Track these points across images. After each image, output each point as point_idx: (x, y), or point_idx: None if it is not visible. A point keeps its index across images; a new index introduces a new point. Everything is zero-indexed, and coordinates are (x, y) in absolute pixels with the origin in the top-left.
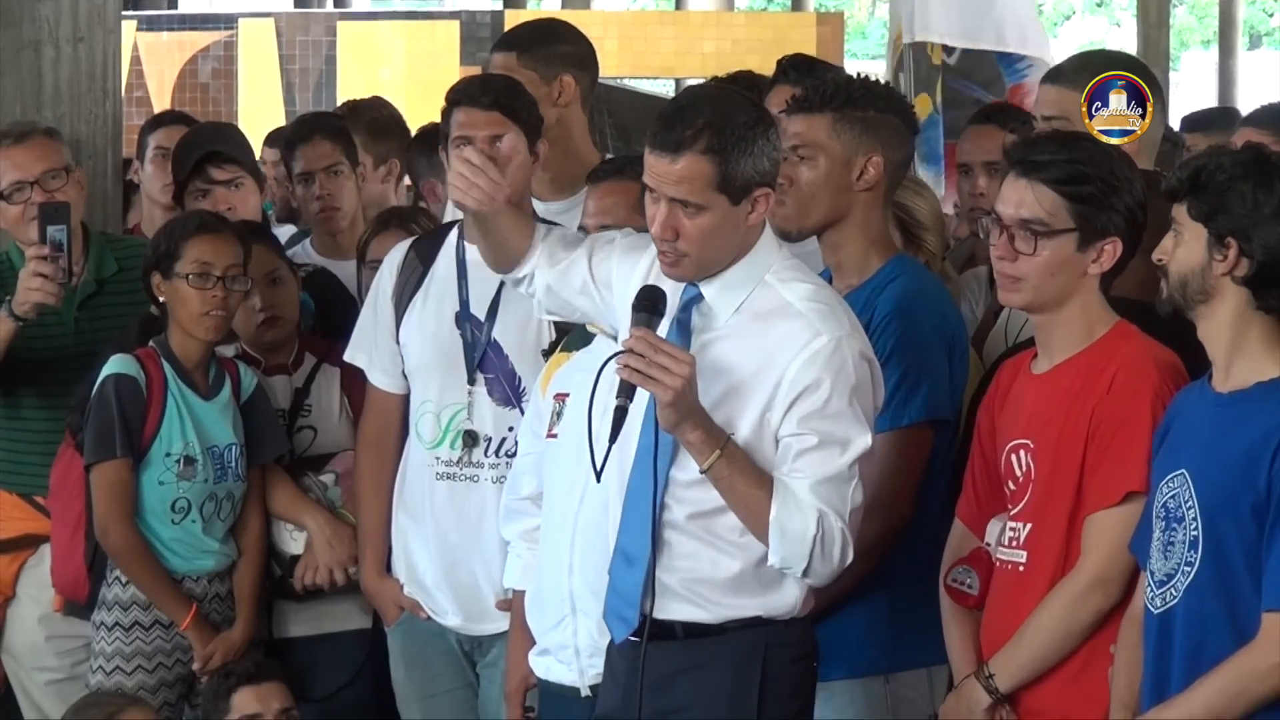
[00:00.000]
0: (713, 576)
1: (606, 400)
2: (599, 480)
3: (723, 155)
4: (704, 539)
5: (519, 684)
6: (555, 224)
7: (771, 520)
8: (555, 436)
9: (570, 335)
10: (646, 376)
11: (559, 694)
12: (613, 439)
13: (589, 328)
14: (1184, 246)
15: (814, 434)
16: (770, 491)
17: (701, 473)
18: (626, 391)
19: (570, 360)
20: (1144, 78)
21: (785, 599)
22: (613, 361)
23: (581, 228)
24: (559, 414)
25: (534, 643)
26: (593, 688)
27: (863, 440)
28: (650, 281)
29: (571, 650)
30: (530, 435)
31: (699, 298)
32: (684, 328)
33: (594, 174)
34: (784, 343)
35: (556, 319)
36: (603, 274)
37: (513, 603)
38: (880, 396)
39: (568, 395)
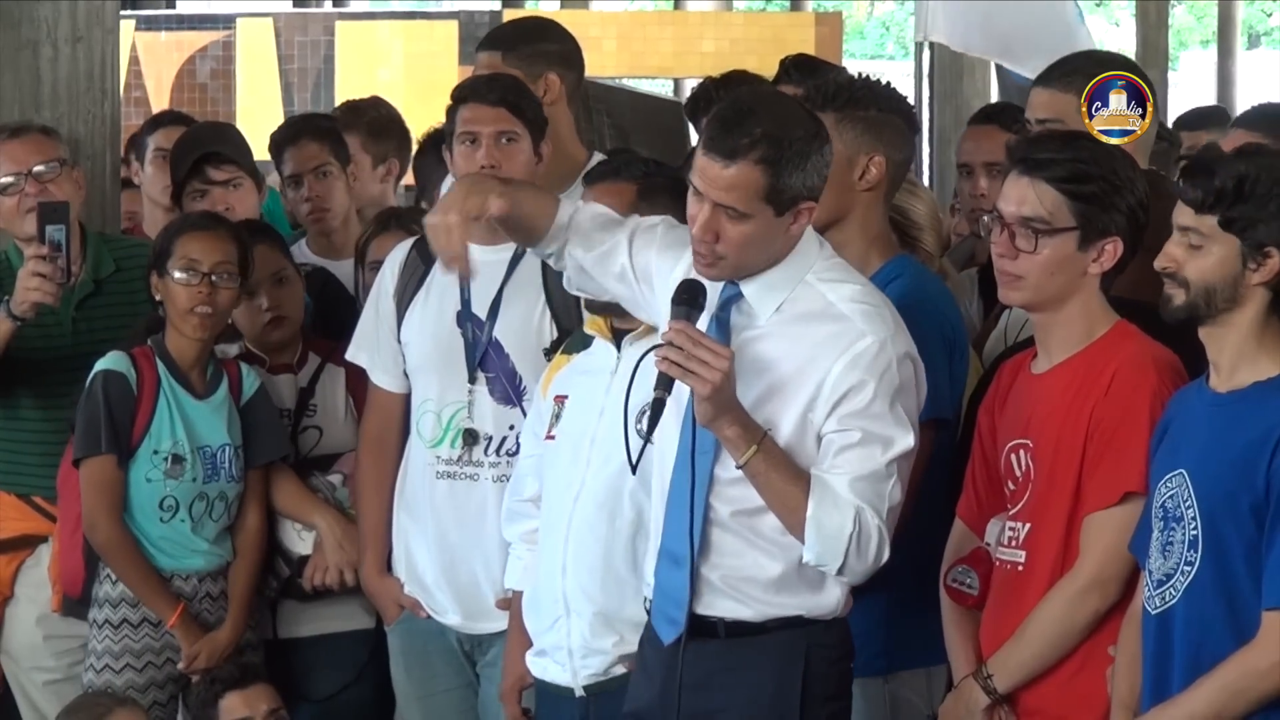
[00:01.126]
0: (756, 575)
1: (643, 393)
2: (634, 473)
3: (776, 168)
4: (747, 538)
5: (514, 684)
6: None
7: (809, 517)
8: (553, 438)
9: (571, 338)
10: (685, 370)
11: (555, 694)
12: (650, 431)
13: (586, 328)
14: (1209, 256)
15: (856, 430)
16: (807, 487)
17: (738, 468)
18: (665, 384)
19: (570, 363)
20: (1139, 77)
21: (828, 599)
22: (652, 354)
23: None
24: (558, 416)
25: (531, 643)
26: (586, 688)
27: (905, 440)
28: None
29: (565, 651)
30: (532, 437)
31: (739, 296)
32: (723, 326)
33: (589, 175)
34: (827, 343)
35: (586, 296)
36: (642, 265)
37: (511, 603)
38: (923, 395)
39: (566, 398)
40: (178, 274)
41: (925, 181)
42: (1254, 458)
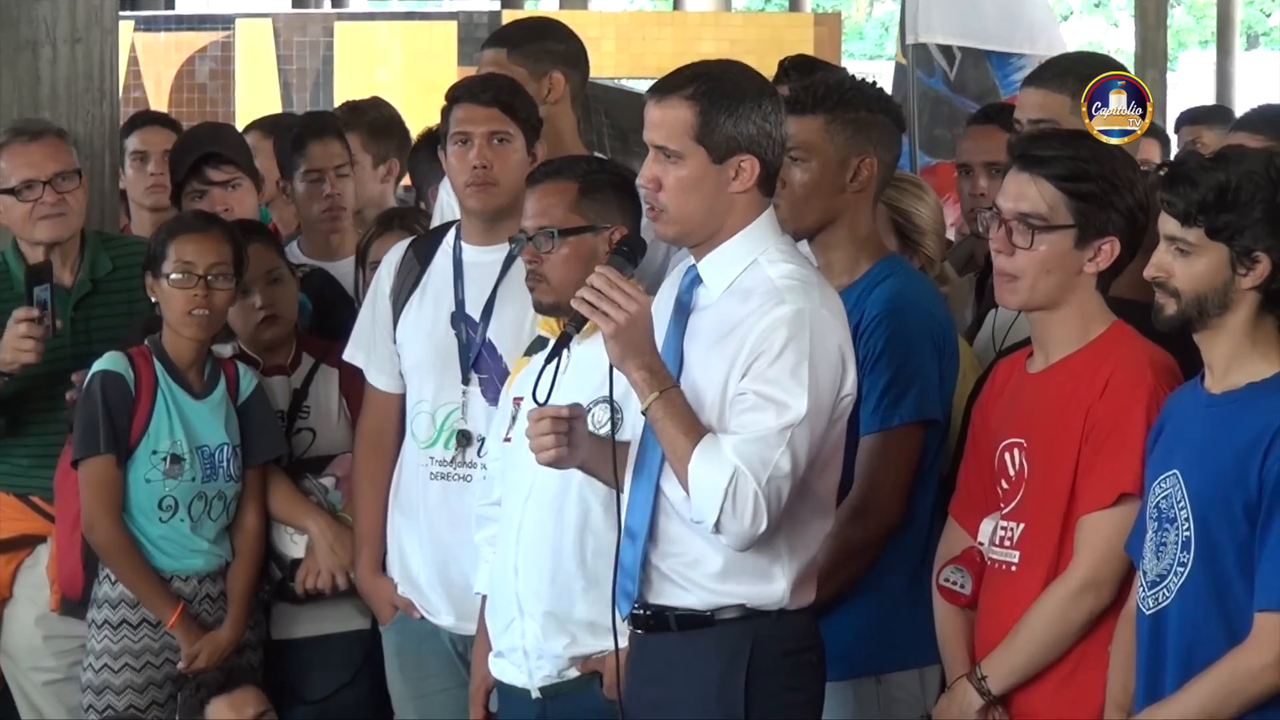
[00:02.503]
0: (700, 564)
1: (591, 388)
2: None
3: (705, 105)
4: (693, 527)
5: (479, 686)
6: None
7: (689, 468)
8: (510, 440)
9: (531, 341)
10: (594, 308)
11: (513, 696)
12: (548, 360)
13: (539, 329)
14: (1198, 264)
15: (753, 394)
16: (696, 441)
17: (642, 413)
18: (576, 321)
19: (528, 365)
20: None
21: (773, 590)
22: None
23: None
24: (514, 418)
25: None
26: (541, 689)
27: (799, 407)
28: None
29: (520, 652)
30: (495, 440)
31: (698, 279)
32: (682, 308)
33: (532, 176)
34: (754, 314)
35: None
36: None
37: (480, 607)
38: (847, 383)
39: (523, 399)
40: (173, 276)
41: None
42: (1247, 459)
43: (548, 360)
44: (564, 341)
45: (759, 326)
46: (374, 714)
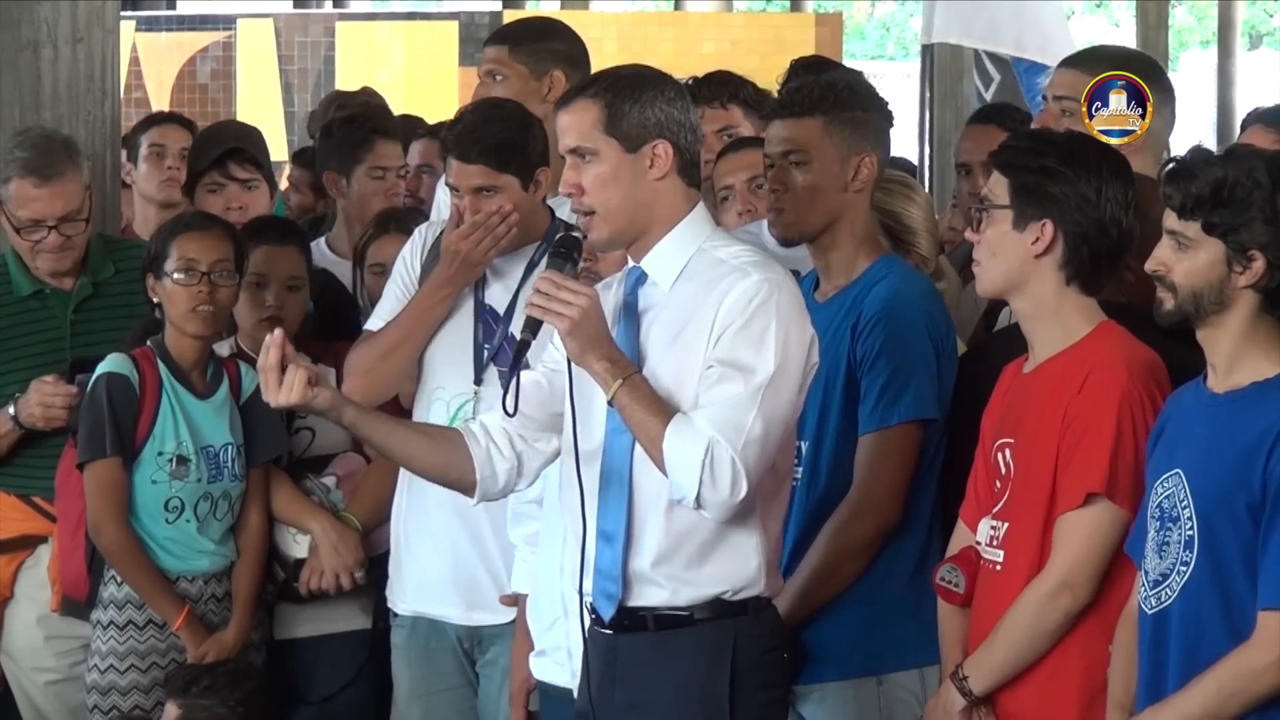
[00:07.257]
0: (670, 550)
1: (588, 390)
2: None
3: (609, 97)
4: (657, 510)
5: (520, 686)
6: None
7: (664, 446)
8: None
9: None
10: (546, 310)
11: (555, 695)
12: (512, 370)
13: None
14: (1196, 260)
15: (719, 365)
16: (666, 421)
17: (609, 403)
18: (531, 327)
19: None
20: (1149, 76)
21: (748, 569)
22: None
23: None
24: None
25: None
26: None
27: (766, 368)
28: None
29: (564, 651)
30: None
31: (643, 277)
32: (631, 310)
33: None
34: (717, 288)
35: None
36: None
37: (518, 606)
38: (814, 353)
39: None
40: (176, 275)
41: (925, 182)
42: (1250, 458)
43: (510, 371)
44: (523, 350)
45: (727, 301)
46: (376, 714)
